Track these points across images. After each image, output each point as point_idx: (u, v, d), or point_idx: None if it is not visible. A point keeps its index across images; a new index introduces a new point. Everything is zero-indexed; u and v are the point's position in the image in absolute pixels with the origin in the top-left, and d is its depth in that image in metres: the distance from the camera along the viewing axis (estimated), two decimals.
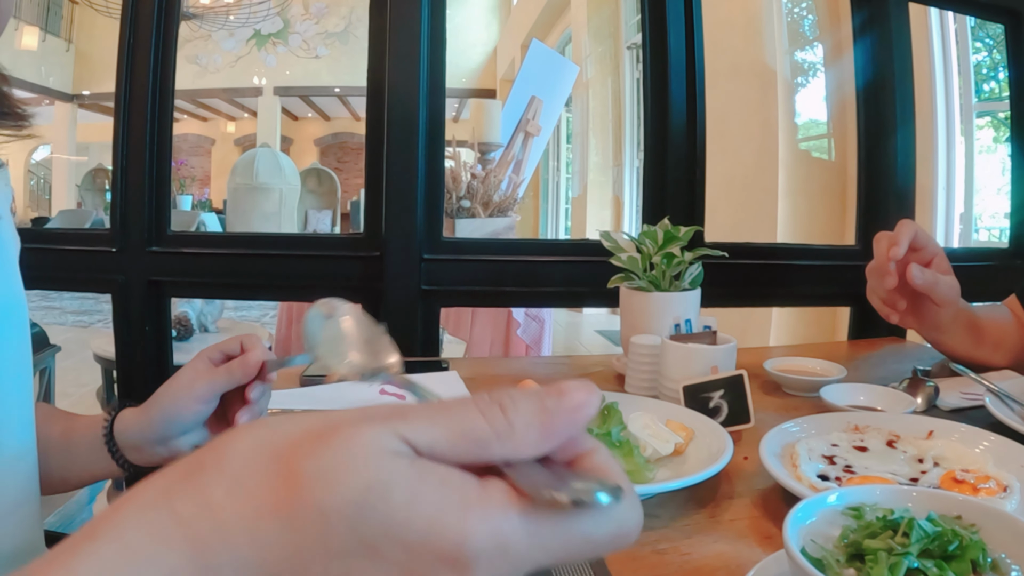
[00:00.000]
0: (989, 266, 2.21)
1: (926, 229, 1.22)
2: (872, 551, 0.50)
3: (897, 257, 1.13)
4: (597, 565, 0.65)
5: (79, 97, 13.07)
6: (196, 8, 11.57)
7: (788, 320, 4.40)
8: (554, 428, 0.33)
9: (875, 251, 1.20)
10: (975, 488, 0.75)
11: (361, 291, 1.90)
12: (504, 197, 3.61)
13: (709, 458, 0.83)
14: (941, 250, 1.21)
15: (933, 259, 1.20)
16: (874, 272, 1.21)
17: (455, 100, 13.34)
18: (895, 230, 1.17)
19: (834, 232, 4.11)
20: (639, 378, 1.18)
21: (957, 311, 1.23)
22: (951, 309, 1.21)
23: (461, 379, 1.22)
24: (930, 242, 1.20)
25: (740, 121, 4.64)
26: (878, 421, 0.93)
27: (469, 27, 13.24)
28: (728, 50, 4.42)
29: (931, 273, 1.16)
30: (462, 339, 3.41)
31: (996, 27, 3.15)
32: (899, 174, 2.03)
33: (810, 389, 1.18)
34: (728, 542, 0.70)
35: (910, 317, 1.24)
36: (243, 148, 14.77)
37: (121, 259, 1.91)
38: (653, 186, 1.96)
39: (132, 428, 0.83)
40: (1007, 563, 0.51)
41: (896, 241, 1.14)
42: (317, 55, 13.02)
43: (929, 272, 1.16)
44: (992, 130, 4.26)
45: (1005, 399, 1.04)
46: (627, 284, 1.27)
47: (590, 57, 8.59)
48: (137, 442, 0.83)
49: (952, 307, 1.21)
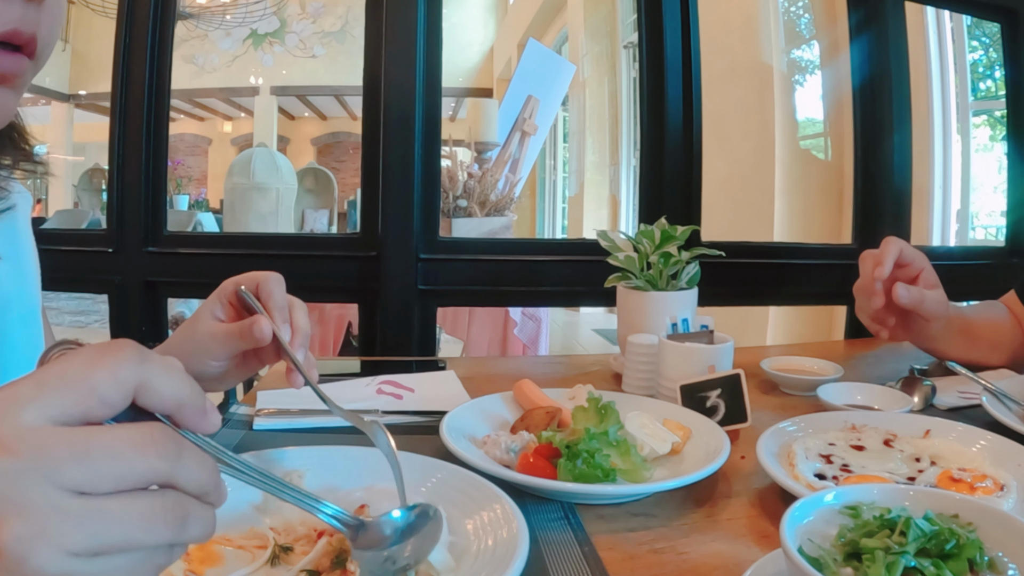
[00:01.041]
0: (985, 264, 2.22)
1: (922, 228, 1.23)
2: (869, 550, 0.50)
3: (882, 278, 1.14)
4: (594, 565, 0.65)
5: (75, 97, 13.04)
6: (192, 8, 11.54)
7: (785, 319, 4.41)
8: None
9: (861, 270, 1.20)
10: (972, 487, 0.75)
11: (358, 291, 1.90)
12: (501, 196, 3.61)
13: (706, 457, 0.83)
14: (928, 263, 1.21)
15: (919, 274, 1.20)
16: (861, 291, 1.21)
17: (452, 99, 13.33)
18: (880, 249, 1.18)
19: (831, 231, 4.12)
20: (636, 377, 1.18)
21: (948, 320, 1.23)
22: (940, 322, 1.22)
23: (458, 379, 1.22)
24: (916, 257, 1.20)
25: (737, 120, 4.64)
26: (875, 420, 0.93)
27: (465, 26, 13.23)
28: (725, 49, 4.42)
29: (917, 290, 1.16)
30: (459, 338, 3.41)
31: (992, 26, 3.16)
32: (895, 172, 2.03)
33: (807, 388, 1.18)
34: (725, 541, 0.70)
35: (900, 331, 1.24)
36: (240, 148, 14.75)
37: (117, 259, 1.91)
38: (650, 185, 1.96)
39: None
40: (1004, 561, 0.51)
41: (881, 261, 1.15)
42: (314, 55, 13.01)
43: (915, 289, 1.16)
44: (988, 128, 4.26)
45: (1002, 398, 1.04)
46: (624, 283, 1.27)
47: (587, 56, 8.59)
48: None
49: (941, 320, 1.21)
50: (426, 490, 0.73)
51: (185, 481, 0.40)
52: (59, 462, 0.36)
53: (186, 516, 0.40)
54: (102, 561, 0.37)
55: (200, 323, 0.82)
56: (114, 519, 0.37)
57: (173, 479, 0.39)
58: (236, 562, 0.61)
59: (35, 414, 0.37)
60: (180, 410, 0.42)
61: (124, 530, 0.37)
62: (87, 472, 0.36)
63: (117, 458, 0.37)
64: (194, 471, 0.40)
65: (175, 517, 0.39)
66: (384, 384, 1.16)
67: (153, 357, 0.41)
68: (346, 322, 3.29)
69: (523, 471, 0.78)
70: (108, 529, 0.37)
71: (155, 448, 0.38)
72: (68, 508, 0.36)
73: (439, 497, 0.70)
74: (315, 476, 0.75)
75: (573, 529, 0.72)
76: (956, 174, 4.12)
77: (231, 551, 0.62)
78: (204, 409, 0.44)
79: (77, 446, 0.37)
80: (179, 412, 0.42)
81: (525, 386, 1.02)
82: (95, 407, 0.38)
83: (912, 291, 1.15)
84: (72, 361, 0.39)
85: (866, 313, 1.22)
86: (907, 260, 1.19)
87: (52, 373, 0.38)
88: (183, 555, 0.55)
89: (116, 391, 0.39)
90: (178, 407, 0.42)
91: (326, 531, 0.63)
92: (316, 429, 0.98)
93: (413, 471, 0.76)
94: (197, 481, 0.41)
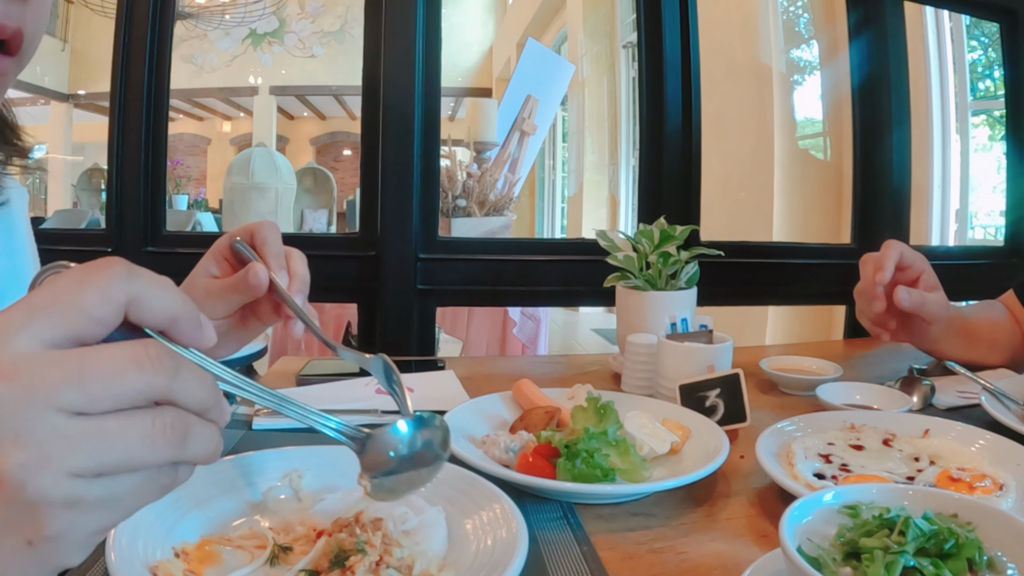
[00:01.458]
0: (984, 264, 2.22)
1: (921, 227, 1.23)
2: (868, 549, 0.50)
3: (883, 283, 1.14)
4: (593, 564, 0.65)
5: (75, 97, 13.03)
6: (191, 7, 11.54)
7: (784, 319, 4.41)
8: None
9: (862, 274, 1.20)
10: (971, 487, 0.75)
11: (357, 291, 1.89)
12: (500, 196, 3.61)
13: (705, 457, 0.83)
14: (928, 265, 1.22)
15: (920, 276, 1.21)
16: (862, 295, 1.21)
17: (451, 99, 13.32)
18: (880, 252, 1.18)
19: (830, 231, 4.12)
20: (635, 377, 1.18)
21: (947, 320, 1.23)
22: (941, 323, 1.22)
23: (457, 378, 1.22)
24: (916, 259, 1.20)
25: (736, 120, 4.64)
26: (874, 420, 0.93)
27: (465, 26, 13.23)
28: (724, 49, 4.42)
29: (918, 293, 1.16)
30: (458, 338, 3.41)
31: (991, 26, 3.16)
32: (895, 172, 2.03)
33: (806, 388, 1.19)
34: (725, 541, 0.70)
35: (901, 333, 1.25)
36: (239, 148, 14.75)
37: None
38: (649, 185, 1.96)
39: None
40: (1003, 561, 0.51)
41: (882, 266, 1.15)
42: (313, 54, 13.00)
43: (916, 292, 1.16)
44: (987, 128, 4.27)
45: (1001, 398, 1.04)
46: (623, 283, 1.27)
47: (586, 56, 8.59)
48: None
49: (942, 322, 1.21)
50: (425, 489, 0.73)
51: (184, 397, 0.40)
52: (54, 385, 0.36)
53: (187, 432, 0.40)
54: (106, 482, 0.37)
55: (194, 283, 0.81)
56: (114, 438, 0.37)
57: (171, 395, 0.39)
58: (235, 562, 0.61)
59: (27, 339, 0.37)
60: (174, 324, 0.42)
61: (126, 448, 0.37)
62: (83, 393, 0.36)
63: (113, 376, 0.37)
64: (193, 386, 0.40)
65: (176, 433, 0.39)
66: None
67: (143, 272, 0.41)
68: (345, 322, 3.29)
69: (522, 471, 0.78)
70: (109, 448, 0.37)
71: (151, 363, 0.38)
72: (67, 430, 0.36)
73: (439, 497, 0.71)
74: (315, 476, 0.74)
75: (572, 529, 0.72)
76: (955, 174, 4.12)
77: (230, 551, 0.62)
78: (199, 322, 0.43)
79: (71, 367, 0.37)
80: (173, 327, 0.42)
81: (524, 386, 1.02)
82: (87, 326, 0.38)
83: (913, 294, 1.15)
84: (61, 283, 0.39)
85: (867, 316, 1.23)
86: (907, 263, 1.19)
87: (41, 296, 0.38)
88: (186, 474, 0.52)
89: (107, 308, 0.39)
90: (172, 321, 0.42)
91: (325, 531, 0.63)
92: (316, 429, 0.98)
93: None
94: (196, 396, 0.40)
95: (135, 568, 0.55)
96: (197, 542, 0.62)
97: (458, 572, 0.61)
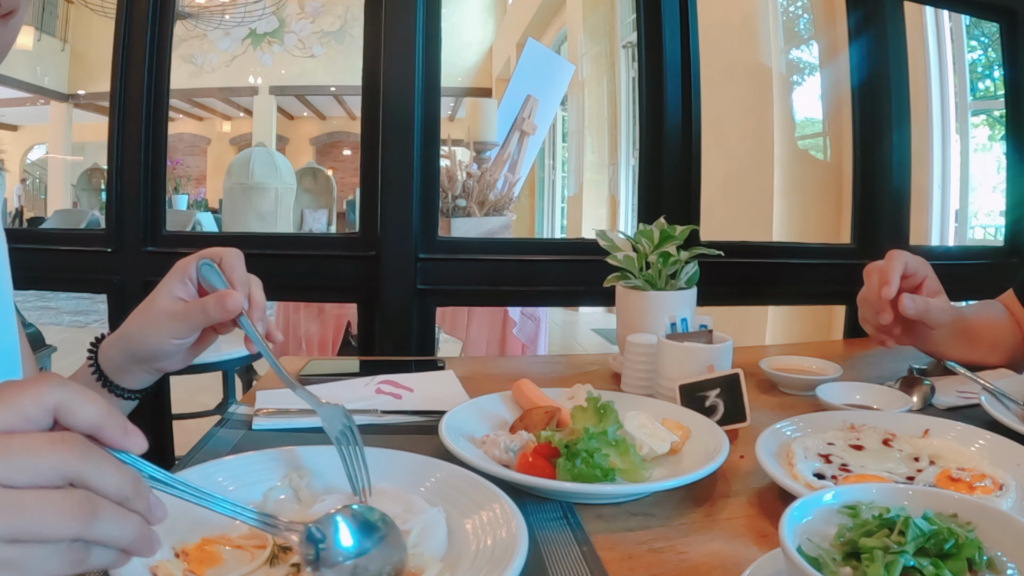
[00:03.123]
0: (984, 264, 2.22)
1: (921, 227, 1.23)
2: (868, 549, 0.50)
3: (889, 297, 1.14)
4: (593, 564, 0.65)
5: (74, 97, 13.04)
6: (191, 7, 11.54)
7: (784, 319, 4.40)
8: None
9: (866, 283, 1.20)
10: (971, 486, 0.75)
11: (357, 291, 1.89)
12: (500, 196, 3.61)
13: (705, 457, 0.83)
14: (931, 270, 1.22)
15: (923, 281, 1.21)
16: (865, 303, 1.21)
17: (451, 99, 13.33)
18: (884, 264, 1.18)
19: (829, 231, 4.12)
20: (635, 377, 1.18)
21: (950, 323, 1.23)
22: (944, 328, 1.22)
23: (457, 378, 1.22)
24: (920, 267, 1.20)
25: (736, 120, 4.64)
26: (874, 420, 0.93)
27: (465, 26, 13.24)
28: (724, 49, 4.42)
29: (923, 300, 1.16)
30: (458, 338, 3.41)
31: (991, 26, 3.16)
32: (894, 172, 2.03)
33: (806, 388, 1.19)
34: (724, 541, 0.71)
35: (905, 337, 1.25)
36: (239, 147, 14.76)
37: (117, 259, 1.91)
38: (649, 185, 1.96)
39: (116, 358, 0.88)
40: (1003, 561, 0.51)
41: (887, 280, 1.15)
42: (313, 54, 13.01)
43: (920, 299, 1.16)
44: (987, 128, 4.27)
45: (1001, 398, 1.04)
46: (623, 283, 1.27)
47: (586, 56, 8.59)
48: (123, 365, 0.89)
49: (945, 326, 1.21)
50: (425, 490, 0.73)
51: (97, 481, 0.45)
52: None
53: (95, 513, 0.44)
54: (18, 548, 0.42)
55: (158, 304, 0.84)
56: (27, 509, 0.42)
57: (83, 477, 0.44)
58: (235, 562, 0.61)
59: None
60: (100, 431, 0.48)
61: (36, 519, 0.42)
62: (6, 465, 0.42)
63: (30, 452, 0.43)
64: (108, 474, 0.45)
65: (83, 511, 0.44)
66: (383, 384, 1.16)
67: (73, 386, 0.48)
68: (345, 322, 3.29)
69: (522, 471, 0.78)
70: (21, 517, 0.42)
71: (64, 445, 0.44)
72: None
73: (438, 497, 0.71)
74: (315, 476, 0.75)
75: (572, 529, 0.72)
76: (955, 174, 4.12)
77: (230, 551, 0.62)
78: (125, 429, 0.49)
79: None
80: (99, 432, 0.48)
81: (524, 386, 1.02)
82: (20, 424, 0.45)
83: (918, 302, 1.15)
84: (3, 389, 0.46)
85: (871, 324, 1.23)
86: (911, 271, 1.19)
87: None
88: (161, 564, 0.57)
89: (38, 410, 0.45)
90: (96, 428, 0.48)
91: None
92: (316, 429, 0.98)
93: (412, 471, 0.76)
94: (111, 483, 0.46)
95: (135, 568, 0.54)
96: (197, 542, 0.62)
97: (458, 572, 0.61)
